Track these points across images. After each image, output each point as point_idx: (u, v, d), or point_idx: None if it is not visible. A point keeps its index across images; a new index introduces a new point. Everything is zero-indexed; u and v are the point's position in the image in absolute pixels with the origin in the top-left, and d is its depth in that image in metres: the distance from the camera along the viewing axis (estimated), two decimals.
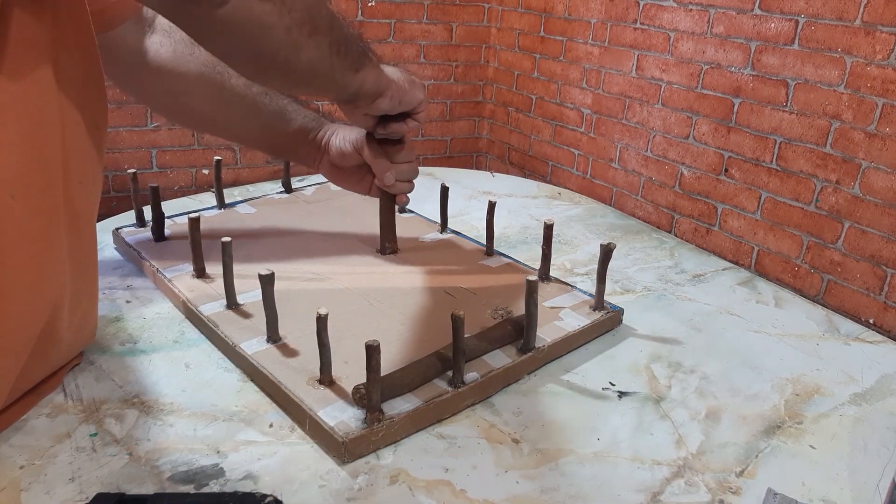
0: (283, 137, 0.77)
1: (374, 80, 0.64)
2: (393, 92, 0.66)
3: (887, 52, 1.04)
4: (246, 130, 0.78)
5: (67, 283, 0.53)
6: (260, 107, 0.75)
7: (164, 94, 0.73)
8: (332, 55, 0.58)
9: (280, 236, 0.84)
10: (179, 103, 0.74)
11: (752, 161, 1.27)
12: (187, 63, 0.70)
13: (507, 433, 0.54)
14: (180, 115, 0.79)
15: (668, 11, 1.39)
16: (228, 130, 0.81)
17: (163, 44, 0.70)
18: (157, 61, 0.69)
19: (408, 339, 0.62)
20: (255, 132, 0.77)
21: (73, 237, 0.52)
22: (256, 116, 0.75)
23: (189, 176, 1.87)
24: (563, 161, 1.79)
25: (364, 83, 0.63)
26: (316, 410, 0.52)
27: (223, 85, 0.73)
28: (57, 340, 0.54)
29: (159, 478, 0.47)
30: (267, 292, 0.59)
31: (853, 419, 0.59)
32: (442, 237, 0.87)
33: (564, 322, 0.67)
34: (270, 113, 0.76)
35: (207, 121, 0.78)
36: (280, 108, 0.76)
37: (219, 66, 0.72)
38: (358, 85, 0.63)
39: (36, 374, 0.54)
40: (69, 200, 0.51)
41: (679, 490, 0.49)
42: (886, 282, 1.09)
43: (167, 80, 0.70)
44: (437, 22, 1.98)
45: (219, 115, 0.76)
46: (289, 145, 0.79)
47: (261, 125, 0.76)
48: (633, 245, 0.94)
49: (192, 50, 0.71)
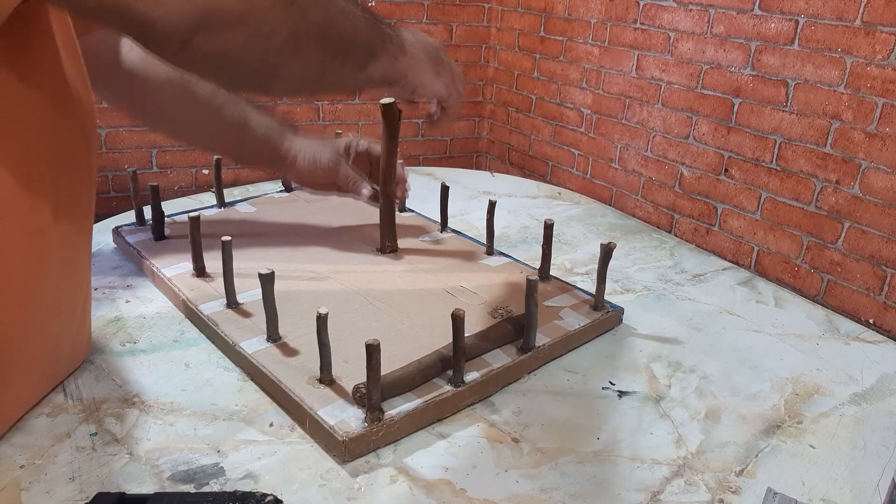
0: (247, 145, 0.78)
1: (382, 73, 0.61)
2: (406, 83, 0.63)
3: (887, 52, 1.04)
4: (210, 136, 0.79)
5: (64, 299, 0.53)
6: (224, 114, 0.76)
7: (134, 96, 0.73)
8: (326, 64, 0.55)
9: (280, 235, 0.84)
10: (147, 105, 0.74)
11: (752, 161, 1.27)
12: (155, 67, 0.71)
13: (507, 433, 0.54)
14: (148, 119, 0.80)
15: (668, 11, 1.39)
16: (194, 136, 0.81)
17: (132, 47, 0.70)
18: (127, 64, 0.70)
19: (408, 338, 0.62)
20: (220, 138, 0.78)
21: (68, 250, 0.52)
22: (221, 123, 0.76)
23: (189, 176, 1.87)
24: (563, 161, 1.79)
25: (370, 78, 0.61)
26: (316, 410, 0.52)
27: (189, 91, 0.73)
28: (58, 356, 0.54)
29: (159, 477, 0.47)
30: (267, 291, 0.59)
31: (853, 419, 0.59)
32: (442, 236, 0.87)
33: (564, 321, 0.67)
34: (234, 121, 0.76)
35: (174, 125, 0.79)
36: (243, 118, 0.76)
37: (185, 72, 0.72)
38: (363, 80, 0.61)
39: (38, 390, 0.54)
40: (62, 216, 0.50)
41: (679, 489, 0.49)
42: (886, 282, 1.09)
43: (136, 83, 0.71)
44: (437, 22, 1.98)
45: (184, 120, 0.76)
46: (253, 154, 0.79)
47: (225, 132, 0.77)
48: (633, 245, 0.94)
49: None
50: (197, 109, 0.74)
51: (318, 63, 0.54)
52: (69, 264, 0.53)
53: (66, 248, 0.52)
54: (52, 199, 0.49)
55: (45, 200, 0.48)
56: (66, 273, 0.52)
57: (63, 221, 0.51)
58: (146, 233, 0.81)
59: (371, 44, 0.58)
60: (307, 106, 1.91)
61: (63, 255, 0.51)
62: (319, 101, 1.93)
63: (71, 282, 0.54)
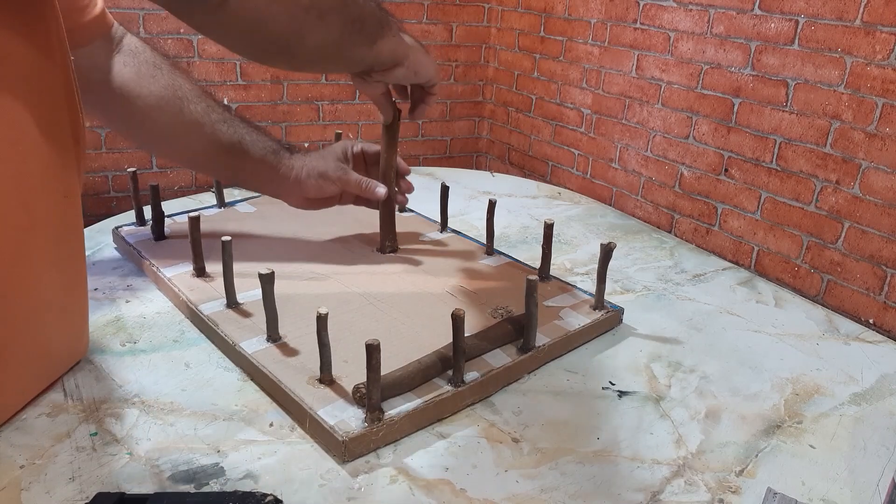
0: (244, 166, 0.75)
1: (390, 51, 0.63)
2: (410, 62, 0.65)
3: (887, 52, 1.04)
4: (205, 157, 0.76)
5: (58, 296, 0.53)
6: (218, 135, 0.73)
7: (124, 114, 0.71)
8: (345, 34, 0.57)
9: (280, 235, 0.84)
10: (138, 123, 0.72)
11: (752, 161, 1.27)
12: (148, 85, 0.69)
13: (507, 432, 0.54)
14: (139, 138, 0.77)
15: (668, 11, 1.39)
16: (188, 157, 0.78)
17: (126, 63, 0.69)
18: (119, 81, 0.69)
19: (408, 338, 0.62)
20: (215, 159, 0.75)
21: (62, 248, 0.52)
22: (215, 144, 0.73)
23: (189, 176, 1.87)
24: (563, 161, 1.79)
25: (380, 55, 0.62)
26: (316, 409, 0.52)
27: (181, 110, 0.71)
28: (51, 353, 0.54)
29: (159, 477, 0.47)
30: (267, 291, 0.59)
31: (853, 419, 0.59)
32: (442, 236, 0.87)
33: (564, 321, 0.67)
34: (229, 141, 0.74)
35: (167, 146, 0.77)
36: (238, 138, 0.74)
37: (178, 91, 0.71)
38: (373, 58, 0.62)
39: (30, 388, 0.54)
40: (53, 214, 0.50)
41: (679, 489, 0.49)
42: (886, 282, 1.09)
43: (127, 101, 0.69)
44: (437, 22, 1.98)
45: (177, 141, 0.74)
46: (251, 174, 0.76)
47: (220, 153, 0.74)
48: (633, 245, 0.94)
49: (154, 73, 0.70)
50: (190, 130, 0.72)
51: (338, 30, 0.56)
52: (59, 262, 0.52)
53: (61, 244, 0.52)
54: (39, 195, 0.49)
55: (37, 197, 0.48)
56: (56, 271, 0.52)
57: (58, 217, 0.51)
58: (146, 233, 0.81)
59: (380, 19, 0.61)
60: (307, 106, 1.91)
61: (53, 252, 0.51)
62: (319, 101, 1.93)
63: (62, 280, 0.53)
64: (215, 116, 0.73)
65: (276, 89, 1.86)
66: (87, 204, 1.77)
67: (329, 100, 1.94)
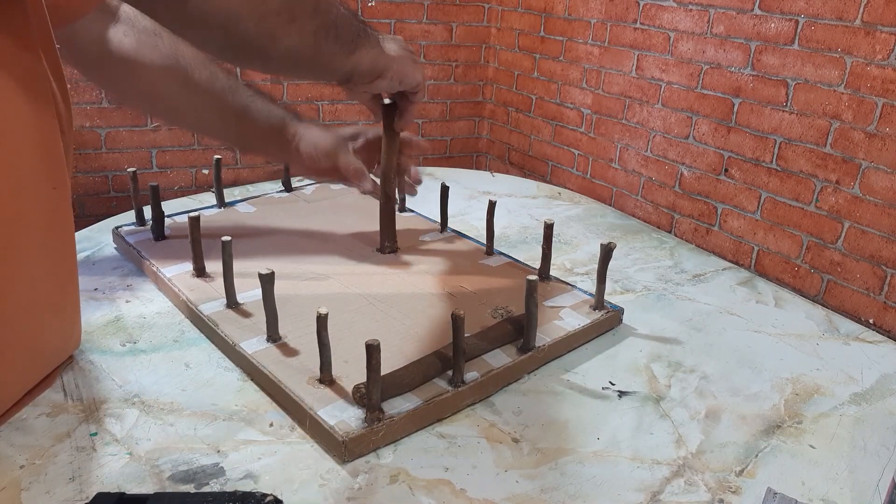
0: (250, 132, 0.76)
1: (370, 62, 0.63)
2: (393, 73, 0.65)
3: (887, 52, 1.04)
4: (210, 124, 0.77)
5: (48, 289, 0.52)
6: (224, 102, 0.74)
7: (128, 84, 0.72)
8: (319, 40, 0.57)
9: (280, 235, 0.84)
10: (143, 93, 0.72)
11: (752, 161, 1.27)
12: (150, 54, 0.69)
13: (507, 433, 0.54)
14: (145, 105, 0.78)
15: (668, 11, 1.39)
16: (193, 122, 0.80)
17: (126, 34, 0.69)
18: (120, 51, 0.68)
19: (408, 338, 0.62)
20: (221, 126, 0.76)
21: (53, 240, 0.52)
22: (220, 111, 0.74)
23: (189, 176, 1.87)
24: (563, 161, 1.79)
25: (359, 65, 0.62)
26: (316, 410, 0.52)
27: (187, 78, 0.71)
28: (42, 347, 0.54)
29: (159, 477, 0.47)
30: (267, 291, 0.59)
31: (853, 419, 0.59)
32: (442, 236, 0.87)
33: (564, 321, 0.67)
34: (236, 108, 0.75)
35: (172, 112, 0.77)
36: (244, 106, 0.75)
37: (182, 59, 0.71)
38: (351, 67, 0.62)
39: (24, 381, 0.54)
40: (43, 205, 0.50)
41: (679, 489, 0.49)
42: (886, 282, 1.09)
43: (131, 71, 0.69)
44: (437, 22, 1.98)
45: (183, 107, 0.75)
46: (258, 140, 0.78)
47: (225, 120, 0.75)
48: (633, 245, 0.94)
49: (155, 42, 0.70)
50: (196, 96, 0.72)
51: (311, 36, 0.56)
52: (50, 254, 0.52)
53: (52, 234, 0.52)
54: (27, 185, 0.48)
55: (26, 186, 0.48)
56: (47, 263, 0.52)
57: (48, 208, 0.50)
58: (146, 233, 0.81)
59: (358, 29, 0.61)
60: (307, 105, 1.91)
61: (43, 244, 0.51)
62: (319, 101, 1.93)
63: (53, 272, 0.53)
64: (221, 84, 0.73)
65: (275, 89, 1.86)
66: (87, 204, 1.78)
67: (329, 100, 1.94)
